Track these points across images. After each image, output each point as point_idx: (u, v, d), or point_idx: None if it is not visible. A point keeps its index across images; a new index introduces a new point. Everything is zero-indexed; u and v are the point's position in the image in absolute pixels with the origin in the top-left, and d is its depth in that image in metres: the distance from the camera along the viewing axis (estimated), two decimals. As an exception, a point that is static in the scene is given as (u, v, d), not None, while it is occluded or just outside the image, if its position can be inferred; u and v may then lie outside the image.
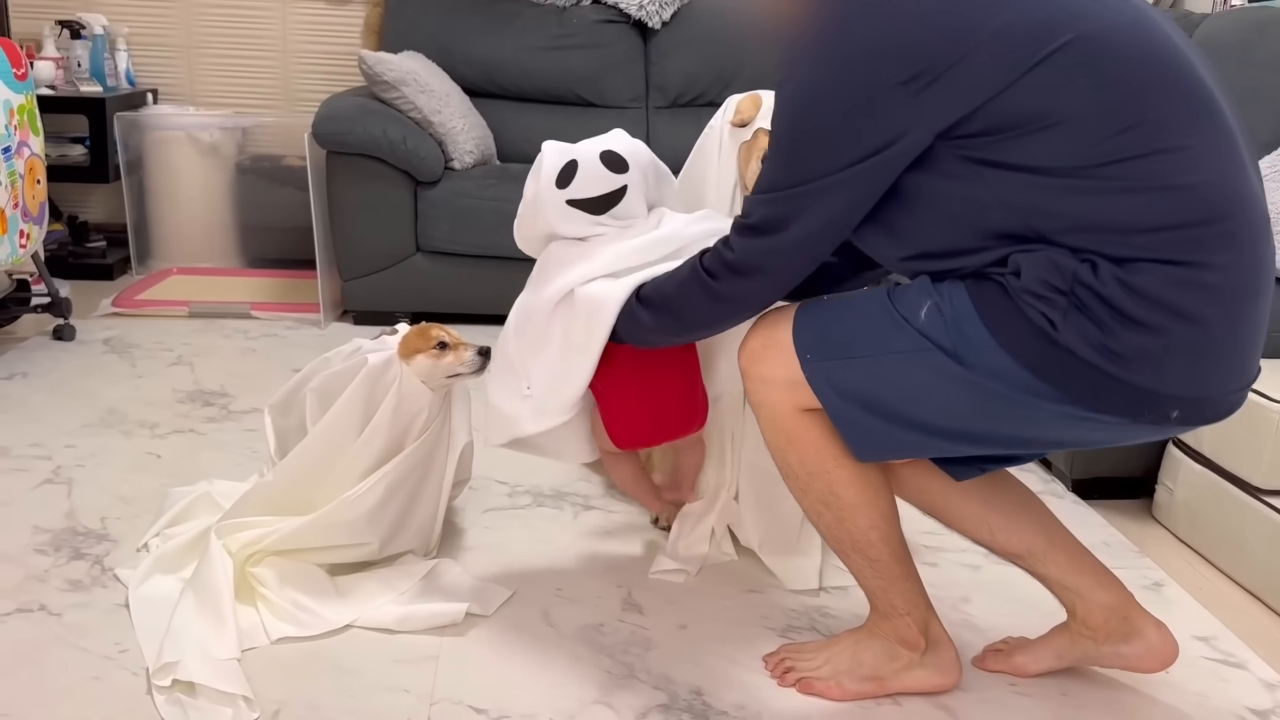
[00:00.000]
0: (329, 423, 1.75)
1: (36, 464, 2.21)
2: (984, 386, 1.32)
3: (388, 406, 1.72)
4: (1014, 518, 1.64)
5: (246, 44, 4.04)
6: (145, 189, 3.83)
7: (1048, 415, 1.33)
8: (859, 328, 1.41)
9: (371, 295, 3.25)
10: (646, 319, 1.56)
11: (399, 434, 1.76)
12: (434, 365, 1.73)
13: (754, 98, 1.91)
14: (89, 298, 3.43)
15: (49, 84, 3.62)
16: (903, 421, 1.39)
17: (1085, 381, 1.27)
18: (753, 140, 1.86)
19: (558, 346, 1.66)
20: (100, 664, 1.56)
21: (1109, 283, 1.24)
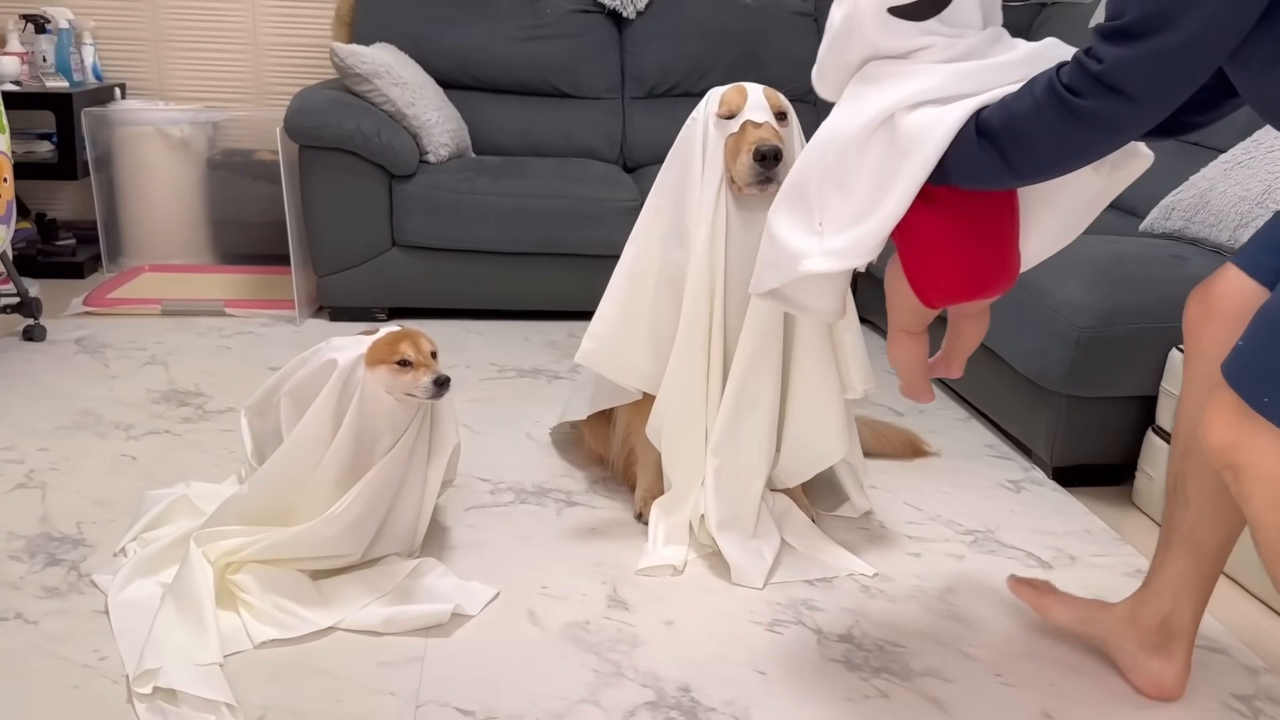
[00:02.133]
0: (303, 429, 1.72)
1: (9, 468, 2.17)
2: None
3: (353, 413, 1.70)
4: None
5: (216, 37, 3.98)
6: (115, 185, 3.78)
7: None
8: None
9: (347, 291, 3.22)
10: (982, 151, 1.31)
11: (368, 440, 1.74)
12: (393, 380, 1.72)
13: (739, 89, 1.89)
14: (59, 297, 3.38)
15: (13, 79, 3.56)
16: None
17: None
18: (740, 133, 1.84)
19: (868, 179, 1.39)
20: (79, 672, 1.54)
21: None
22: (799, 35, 3.81)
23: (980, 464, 2.41)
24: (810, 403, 1.93)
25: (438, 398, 1.72)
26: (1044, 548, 2.03)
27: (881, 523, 2.11)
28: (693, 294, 1.88)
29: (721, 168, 1.86)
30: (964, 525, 2.11)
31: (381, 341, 1.73)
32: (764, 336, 1.87)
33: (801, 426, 1.95)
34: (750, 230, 1.87)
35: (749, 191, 1.84)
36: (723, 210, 1.87)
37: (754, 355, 1.87)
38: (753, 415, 1.90)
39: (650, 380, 1.97)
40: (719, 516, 1.90)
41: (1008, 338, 2.37)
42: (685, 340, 1.90)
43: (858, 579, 1.89)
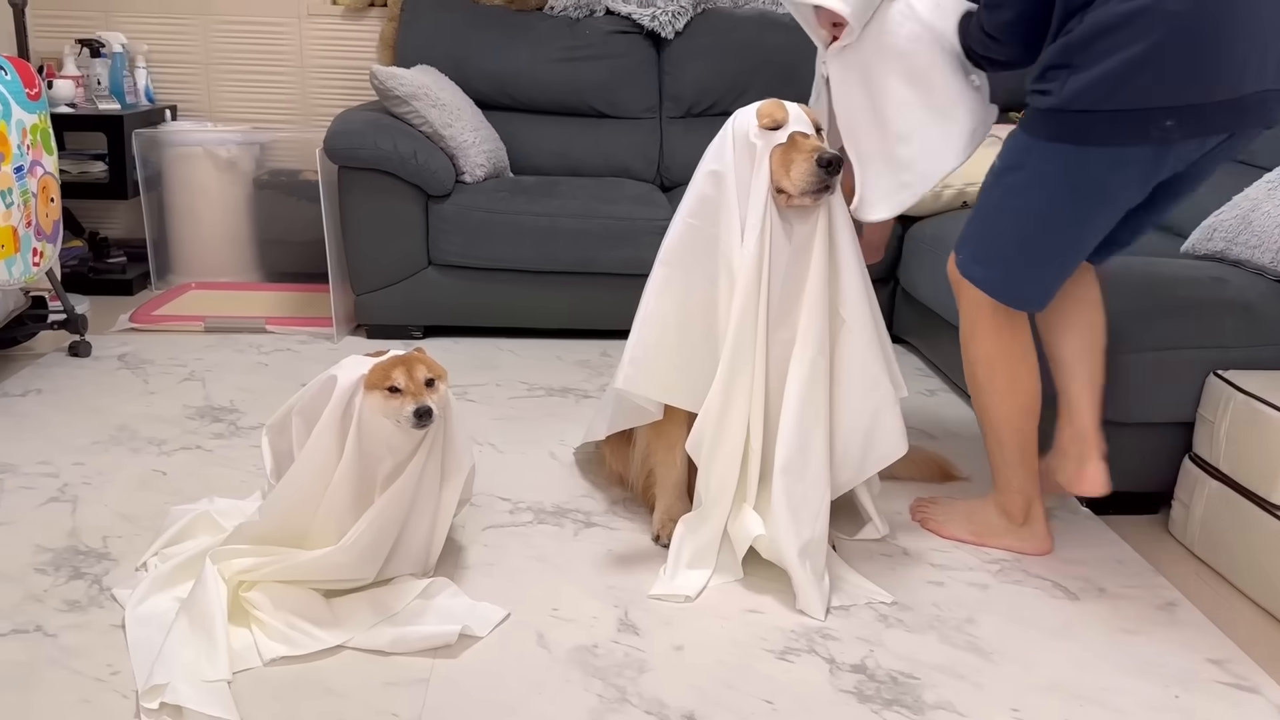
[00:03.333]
0: (308, 451, 1.74)
1: (44, 482, 2.22)
2: (1043, 179, 1.79)
3: (353, 435, 1.71)
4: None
5: (264, 60, 4.06)
6: (165, 205, 3.87)
7: (1090, 177, 1.76)
8: (975, 216, 1.92)
9: (384, 309, 3.26)
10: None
11: (371, 463, 1.74)
12: (384, 406, 1.72)
13: (776, 103, 1.89)
14: (108, 313, 3.46)
15: (69, 102, 3.66)
16: (1023, 258, 1.88)
17: (1093, 126, 1.71)
18: (791, 143, 1.84)
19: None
20: (91, 686, 1.56)
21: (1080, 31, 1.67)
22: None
23: (1012, 490, 2.35)
24: (863, 410, 1.93)
25: (419, 429, 1.71)
26: (1072, 577, 1.97)
27: (905, 549, 2.07)
28: (740, 306, 1.86)
29: (768, 179, 1.85)
30: (990, 554, 2.06)
31: (379, 366, 1.73)
32: (819, 345, 1.87)
33: (852, 438, 1.94)
34: (790, 241, 1.87)
35: (801, 201, 1.84)
36: (769, 221, 1.85)
37: (812, 365, 1.86)
38: (816, 429, 1.87)
39: (695, 398, 1.94)
40: (800, 542, 1.83)
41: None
42: (733, 353, 1.88)
43: (876, 607, 1.85)
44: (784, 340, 1.87)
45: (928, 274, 2.99)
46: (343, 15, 4.02)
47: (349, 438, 1.73)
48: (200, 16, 4.00)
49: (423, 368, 1.76)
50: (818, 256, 1.86)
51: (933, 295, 2.96)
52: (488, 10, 3.78)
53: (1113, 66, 1.64)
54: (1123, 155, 1.72)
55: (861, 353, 1.91)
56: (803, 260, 1.86)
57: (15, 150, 2.59)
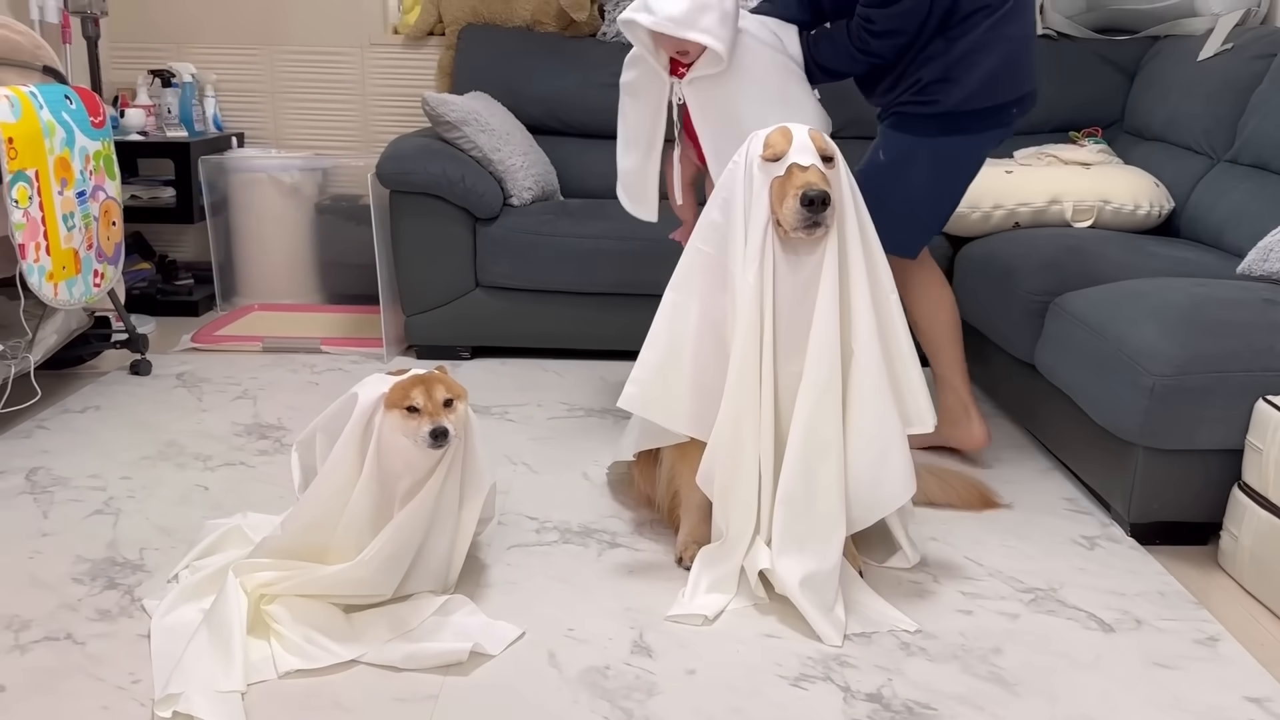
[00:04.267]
0: (329, 467, 1.76)
1: (91, 494, 2.29)
2: (936, 164, 2.33)
3: (372, 452, 1.73)
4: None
5: (328, 88, 4.18)
6: (230, 229, 3.99)
7: (971, 157, 2.39)
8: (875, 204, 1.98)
9: (433, 330, 3.30)
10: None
11: (390, 480, 1.76)
12: (403, 425, 1.73)
13: (784, 131, 1.85)
14: (173, 334, 3.57)
15: (140, 130, 3.80)
16: (921, 223, 2.44)
17: (972, 120, 2.30)
18: (787, 176, 1.80)
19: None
20: (112, 693, 1.60)
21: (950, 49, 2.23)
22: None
23: (1054, 518, 2.28)
24: (871, 446, 1.86)
25: (435, 449, 1.72)
26: (1108, 609, 1.90)
27: (935, 576, 2.02)
28: (742, 339, 1.84)
29: (767, 211, 1.82)
30: (1025, 582, 2.00)
31: (399, 385, 1.75)
32: (828, 379, 1.81)
33: (863, 471, 1.87)
34: (796, 273, 1.83)
35: (796, 235, 1.80)
36: (770, 254, 1.82)
37: (820, 399, 1.81)
38: (824, 463, 1.83)
39: (696, 424, 1.94)
40: (802, 574, 1.82)
41: (1082, 385, 2.25)
42: (736, 386, 1.85)
43: (898, 635, 1.81)
44: (794, 373, 1.83)
45: (979, 296, 2.93)
46: (403, 44, 4.11)
47: (368, 455, 1.75)
48: (267, 47, 4.13)
49: (441, 388, 1.77)
50: (826, 288, 1.80)
51: (982, 317, 2.89)
52: (541, 37, 3.83)
53: (981, 76, 2.24)
54: (986, 138, 2.35)
55: (870, 385, 1.84)
56: (809, 292, 1.81)
57: (78, 175, 2.70)
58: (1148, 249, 2.75)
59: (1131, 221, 3.05)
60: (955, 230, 3.19)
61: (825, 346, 1.80)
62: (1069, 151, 3.38)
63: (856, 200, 1.86)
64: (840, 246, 1.82)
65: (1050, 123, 3.73)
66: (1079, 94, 3.70)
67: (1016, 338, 2.63)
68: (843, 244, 1.83)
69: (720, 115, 2.30)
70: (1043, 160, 3.37)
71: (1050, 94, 3.69)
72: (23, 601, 1.85)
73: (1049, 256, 2.70)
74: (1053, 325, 2.45)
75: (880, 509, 1.90)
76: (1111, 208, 3.04)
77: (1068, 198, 3.05)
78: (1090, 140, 3.54)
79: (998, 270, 2.83)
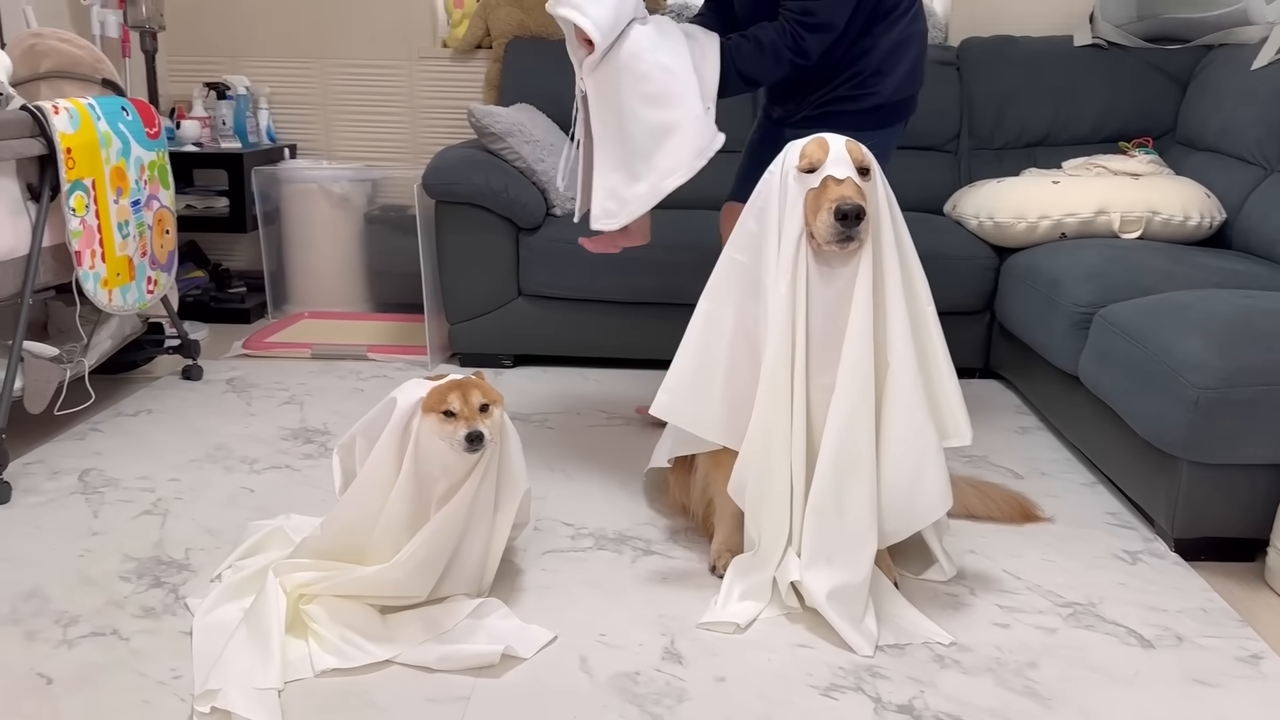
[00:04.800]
0: (367, 470, 1.80)
1: (140, 495, 2.35)
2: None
3: (409, 456, 1.76)
4: None
5: (378, 101, 4.25)
6: (282, 238, 4.07)
7: (892, 145, 2.50)
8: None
9: (476, 338, 3.34)
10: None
11: (427, 484, 1.78)
12: (439, 429, 1.76)
13: (820, 141, 1.85)
14: (226, 340, 3.65)
15: (195, 141, 3.90)
16: None
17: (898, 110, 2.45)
18: (821, 188, 1.79)
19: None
20: (153, 688, 1.64)
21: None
22: (937, 84, 3.71)
23: (1097, 532, 2.25)
24: (906, 459, 1.84)
25: (470, 452, 1.75)
26: (1148, 625, 1.87)
27: (972, 589, 2.00)
28: (773, 351, 1.84)
29: (801, 223, 1.82)
30: (1064, 597, 1.97)
31: (436, 390, 1.78)
32: (861, 392, 1.80)
33: (897, 485, 1.86)
34: (831, 285, 1.82)
35: (829, 248, 1.80)
36: (803, 266, 1.82)
37: (852, 412, 1.81)
38: (855, 476, 1.82)
39: (728, 434, 1.94)
40: (830, 586, 1.82)
41: (1126, 397, 2.22)
42: (767, 397, 1.85)
43: (932, 647, 1.80)
44: (827, 386, 1.82)
45: (1024, 307, 2.90)
46: (451, 58, 4.17)
47: (406, 458, 1.78)
48: (319, 60, 4.21)
49: (478, 393, 1.80)
50: (860, 301, 1.79)
51: (1028, 329, 2.86)
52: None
53: (906, 68, 2.39)
54: (899, 130, 2.50)
55: (906, 398, 1.82)
56: (843, 305, 1.81)
57: (133, 185, 2.77)
58: (1196, 260, 2.70)
59: (1181, 233, 3.00)
60: (1000, 241, 3.17)
61: (858, 360, 1.79)
62: (1118, 162, 3.33)
63: (893, 211, 1.85)
64: (876, 259, 1.81)
65: (1100, 133, 3.69)
66: (1129, 104, 3.65)
67: (1060, 349, 2.60)
68: (878, 256, 1.82)
69: (609, 111, 2.25)
70: (1091, 171, 3.33)
71: (1100, 104, 3.68)
72: (72, 598, 1.90)
73: (1094, 267, 2.66)
74: (1096, 336, 2.41)
75: (915, 523, 1.89)
76: (1160, 219, 2.99)
77: (1115, 208, 3.00)
78: (1141, 151, 3.49)
79: (1042, 281, 2.80)
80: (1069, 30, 3.80)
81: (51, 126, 2.45)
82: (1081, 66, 3.69)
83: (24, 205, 2.45)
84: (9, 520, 2.21)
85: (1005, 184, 3.24)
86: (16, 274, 2.41)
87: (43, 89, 2.86)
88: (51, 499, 2.32)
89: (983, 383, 3.31)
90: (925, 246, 3.17)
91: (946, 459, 1.84)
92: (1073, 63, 3.70)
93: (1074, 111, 3.69)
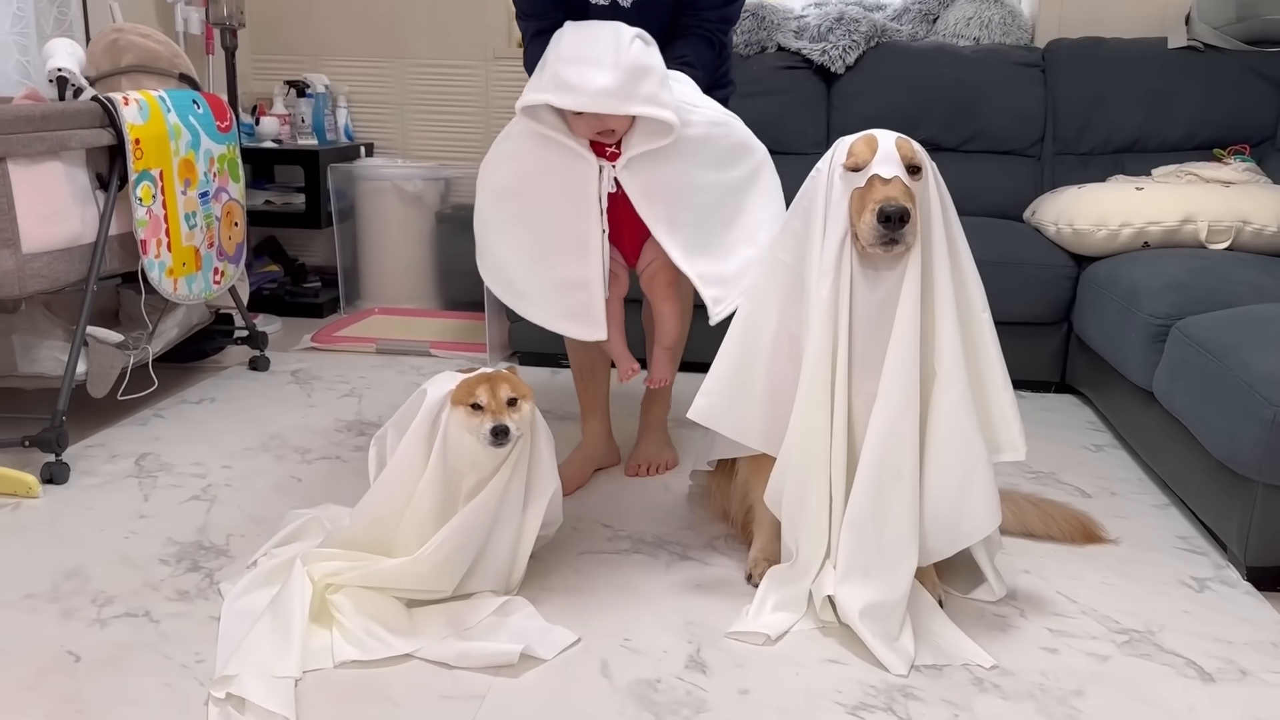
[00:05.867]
0: (396, 461, 1.78)
1: (191, 481, 2.39)
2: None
3: (438, 448, 1.74)
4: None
5: (453, 101, 4.28)
6: (356, 234, 4.12)
7: None
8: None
9: (534, 337, 3.31)
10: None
11: (455, 477, 1.76)
12: (467, 422, 1.73)
13: (869, 139, 1.77)
14: (297, 333, 3.71)
15: (274, 138, 3.98)
16: None
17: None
18: (867, 188, 1.71)
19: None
20: (176, 671, 1.65)
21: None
22: (1021, 87, 3.59)
23: (1164, 556, 2.12)
24: (953, 475, 1.75)
25: (497, 446, 1.72)
26: (1211, 656, 1.75)
27: (1023, 611, 1.90)
28: (814, 355, 1.76)
29: (845, 223, 1.74)
30: (1120, 623, 1.86)
31: (465, 382, 1.76)
32: (904, 401, 1.72)
33: (941, 499, 1.77)
34: (875, 289, 1.74)
35: (873, 251, 1.72)
36: (846, 268, 1.74)
37: (894, 421, 1.72)
38: (897, 489, 1.74)
39: (767, 440, 1.88)
40: (864, 602, 1.74)
41: (1199, 415, 2.09)
42: (806, 404, 1.78)
43: (972, 669, 1.70)
44: (870, 393, 1.74)
45: (1100, 318, 2.77)
46: (527, 57, 4.17)
47: (434, 450, 1.77)
48: (397, 60, 4.26)
49: (506, 386, 1.77)
50: (906, 305, 1.70)
51: (1104, 341, 2.73)
52: (660, 48, 3.83)
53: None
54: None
55: (954, 409, 1.73)
56: (889, 310, 1.72)
57: (202, 177, 2.83)
58: (1288, 273, 2.54)
59: (1274, 244, 2.83)
60: (1079, 249, 3.04)
61: (903, 368, 1.70)
62: (1211, 169, 3.17)
63: (946, 213, 1.76)
64: (926, 263, 1.72)
65: (1194, 140, 3.52)
66: (1226, 109, 3.47)
67: (1135, 363, 2.47)
68: (928, 260, 1.72)
69: (671, 191, 1.97)
70: (1182, 178, 3.17)
71: (1195, 109, 3.50)
72: (111, 578, 1.93)
73: (1175, 278, 2.52)
74: (1173, 349, 2.28)
75: (960, 540, 1.80)
76: (1252, 229, 2.82)
77: (1202, 217, 2.85)
78: (1237, 158, 3.31)
79: (1120, 291, 2.66)
80: (1162, 32, 3.64)
81: (121, 117, 2.51)
82: (1175, 69, 3.52)
83: (92, 194, 2.51)
84: (64, 500, 2.27)
85: (1086, 190, 3.10)
86: (83, 260, 2.48)
87: (123, 82, 2.94)
88: (107, 481, 2.37)
89: (1058, 398, 3.17)
90: (1000, 253, 3.09)
91: (1007, 474, 1.74)
92: (1166, 65, 3.54)
93: (1166, 117, 3.53)
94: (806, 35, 3.77)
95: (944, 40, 3.81)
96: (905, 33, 3.87)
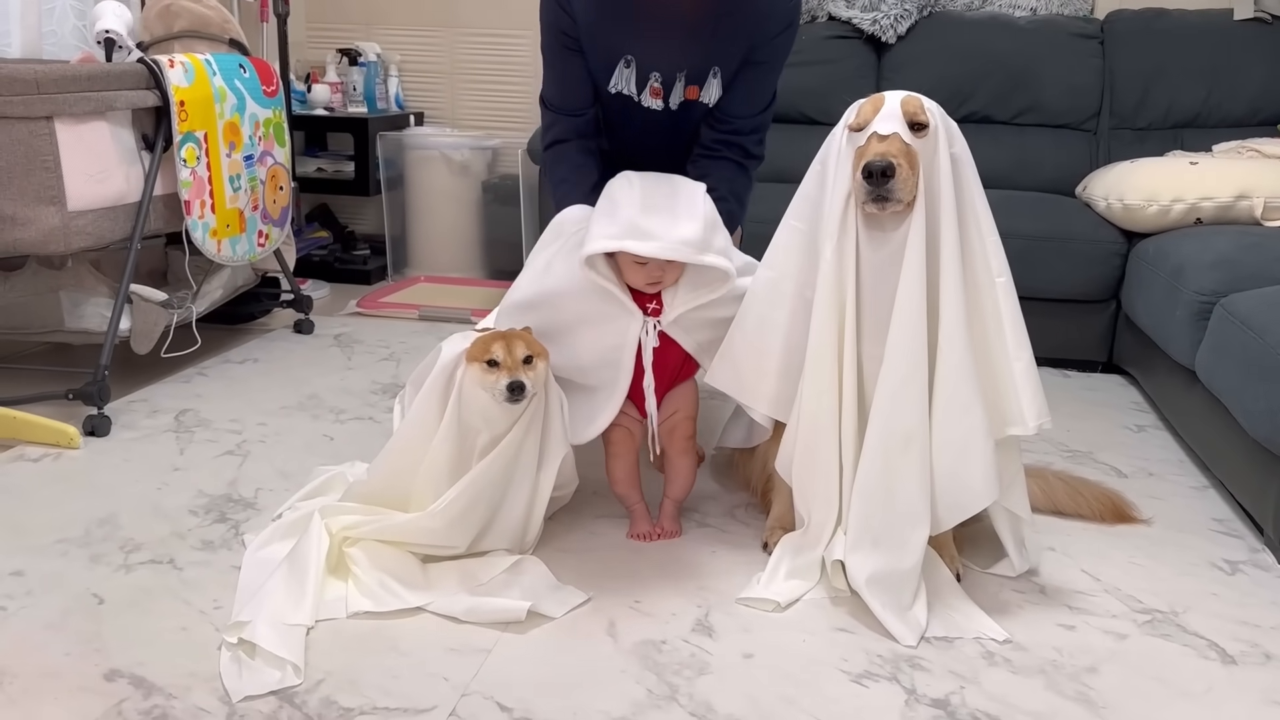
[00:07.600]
0: (411, 416, 1.80)
1: (227, 436, 2.44)
2: None
3: (453, 404, 1.75)
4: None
5: (502, 70, 4.30)
6: (405, 203, 4.16)
7: None
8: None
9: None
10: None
11: (469, 434, 1.77)
12: (482, 378, 1.74)
13: (876, 99, 1.72)
14: (345, 299, 3.77)
15: (325, 106, 4.03)
16: None
17: None
18: (865, 146, 1.67)
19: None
20: (194, 616, 1.69)
21: None
22: (1078, 59, 3.50)
23: (1197, 538, 2.06)
24: (950, 442, 1.70)
25: (512, 402, 1.73)
26: (1235, 639, 1.70)
27: (1043, 588, 1.86)
28: (820, 317, 1.74)
29: (848, 183, 1.70)
30: (1143, 603, 1.81)
31: (481, 339, 1.77)
32: (911, 364, 1.68)
33: (944, 468, 1.72)
34: (879, 249, 1.70)
35: (868, 209, 1.69)
36: (851, 228, 1.71)
37: (902, 385, 1.68)
38: (906, 455, 1.70)
39: (780, 406, 1.86)
40: (871, 570, 1.72)
41: (1238, 393, 2.03)
42: (814, 368, 1.75)
43: (985, 643, 1.68)
44: (877, 356, 1.71)
45: (1147, 295, 2.69)
46: (576, 26, 4.16)
47: (449, 407, 1.78)
48: (447, 29, 4.28)
49: (522, 344, 1.78)
50: (910, 268, 1.66)
51: (1150, 319, 2.66)
52: (708, 18, 3.79)
53: None
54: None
55: (953, 376, 1.68)
56: (892, 271, 1.68)
57: (247, 140, 2.88)
58: (1345, 251, 2.45)
59: (1335, 222, 2.73)
60: (1130, 225, 2.95)
61: (908, 331, 1.67)
62: (1273, 145, 3.06)
63: (960, 171, 1.70)
64: (930, 224, 1.67)
65: (1258, 115, 3.41)
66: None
67: (1179, 340, 2.40)
68: (933, 221, 1.67)
69: (718, 339, 1.94)
70: (1243, 154, 3.07)
71: (1259, 83, 3.39)
72: (140, 526, 1.98)
73: (1224, 254, 2.44)
74: (1216, 327, 2.21)
75: (961, 510, 1.75)
76: (1311, 205, 2.72)
77: (1258, 193, 2.75)
78: (1303, 134, 3.19)
79: (1167, 268, 2.59)
80: (1228, 3, 3.51)
81: (166, 79, 2.56)
82: (1240, 42, 3.40)
83: (138, 154, 2.57)
84: (104, 451, 2.33)
85: (1138, 164, 3.02)
86: (128, 219, 2.54)
87: (175, 47, 3.00)
88: (146, 435, 2.43)
89: (1104, 377, 3.10)
90: (1047, 229, 3.02)
91: (1040, 452, 1.68)
92: (1230, 38, 3.42)
93: (1229, 91, 3.41)
94: (858, 4, 3.70)
95: (999, 10, 3.72)
96: (960, 2, 3.78)
